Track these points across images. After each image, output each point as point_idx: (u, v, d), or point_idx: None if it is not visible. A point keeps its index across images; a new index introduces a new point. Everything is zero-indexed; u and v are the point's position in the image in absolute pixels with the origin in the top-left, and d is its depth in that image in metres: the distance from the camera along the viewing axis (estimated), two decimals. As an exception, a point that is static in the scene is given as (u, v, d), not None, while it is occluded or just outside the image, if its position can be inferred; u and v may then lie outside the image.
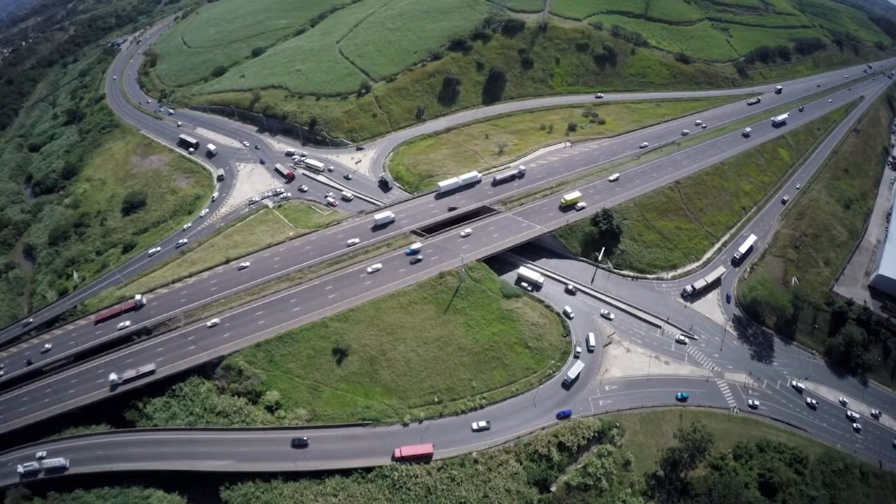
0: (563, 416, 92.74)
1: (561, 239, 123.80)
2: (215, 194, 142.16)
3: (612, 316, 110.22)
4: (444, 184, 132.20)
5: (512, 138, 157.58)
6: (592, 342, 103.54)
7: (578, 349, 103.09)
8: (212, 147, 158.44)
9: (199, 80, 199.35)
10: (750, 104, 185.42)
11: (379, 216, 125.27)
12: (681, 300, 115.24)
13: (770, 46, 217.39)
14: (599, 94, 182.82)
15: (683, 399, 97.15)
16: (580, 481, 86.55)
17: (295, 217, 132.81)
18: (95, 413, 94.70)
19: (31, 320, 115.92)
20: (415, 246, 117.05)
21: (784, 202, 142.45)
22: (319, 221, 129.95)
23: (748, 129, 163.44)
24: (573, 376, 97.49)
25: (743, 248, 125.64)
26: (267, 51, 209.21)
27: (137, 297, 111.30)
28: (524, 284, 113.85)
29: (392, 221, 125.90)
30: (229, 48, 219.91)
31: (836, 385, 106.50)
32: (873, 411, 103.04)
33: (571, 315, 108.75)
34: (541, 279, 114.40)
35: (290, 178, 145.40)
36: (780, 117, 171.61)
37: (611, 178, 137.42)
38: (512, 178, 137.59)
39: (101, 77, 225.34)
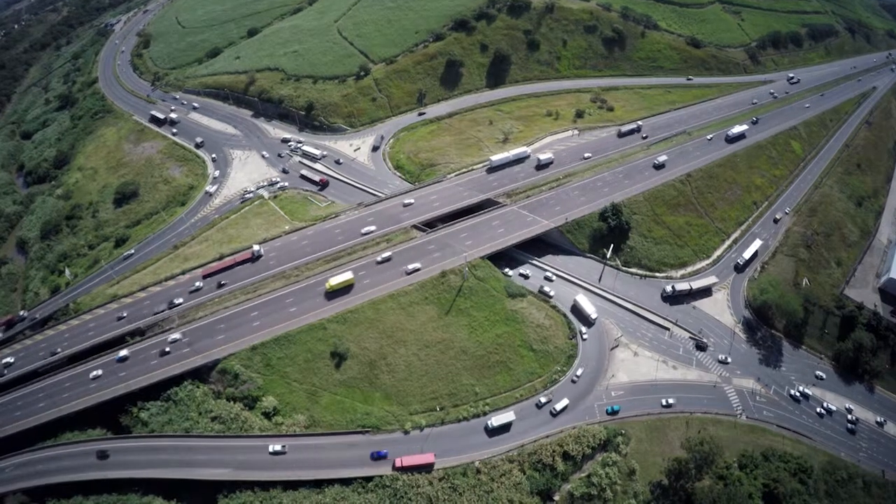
0: (378, 456, 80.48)
1: (568, 235, 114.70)
2: (210, 170, 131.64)
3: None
4: (495, 158, 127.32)
5: (517, 125, 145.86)
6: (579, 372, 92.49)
7: (544, 398, 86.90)
8: (174, 116, 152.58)
9: (193, 62, 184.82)
10: (792, 83, 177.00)
11: (543, 157, 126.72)
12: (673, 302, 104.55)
13: (782, 32, 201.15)
14: (690, 77, 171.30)
15: (614, 412, 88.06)
16: (584, 491, 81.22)
17: (292, 209, 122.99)
18: (90, 417, 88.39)
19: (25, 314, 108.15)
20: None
21: (776, 221, 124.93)
22: (317, 214, 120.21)
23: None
24: (496, 425, 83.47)
25: (747, 254, 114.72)
26: (263, 31, 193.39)
27: (256, 247, 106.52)
28: (582, 331, 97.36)
29: (552, 162, 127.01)
30: (224, 28, 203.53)
31: (843, 391, 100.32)
32: (878, 419, 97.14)
33: (585, 336, 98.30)
34: (595, 313, 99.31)
35: (323, 185, 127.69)
36: (736, 130, 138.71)
37: (619, 170, 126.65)
38: (631, 132, 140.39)
39: (94, 59, 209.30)
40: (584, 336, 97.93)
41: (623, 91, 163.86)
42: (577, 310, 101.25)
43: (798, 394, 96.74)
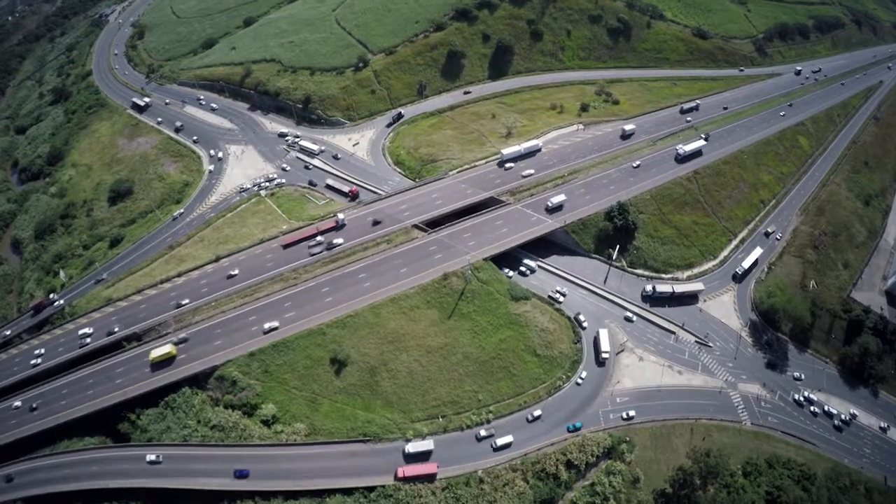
0: (240, 475, 75.54)
1: (573, 234, 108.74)
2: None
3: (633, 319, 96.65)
4: (507, 151, 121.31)
5: (520, 118, 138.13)
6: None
7: (484, 432, 79.67)
8: (147, 100, 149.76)
9: (188, 54, 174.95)
10: (814, 71, 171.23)
11: (627, 127, 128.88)
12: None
13: (789, 24, 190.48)
14: (742, 68, 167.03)
15: (576, 429, 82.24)
16: (587, 500, 78.16)
17: (289, 207, 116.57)
18: (89, 424, 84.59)
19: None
20: None
21: (767, 234, 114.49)
22: (314, 213, 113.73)
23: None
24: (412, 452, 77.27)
25: (746, 263, 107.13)
26: (259, 20, 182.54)
27: (340, 215, 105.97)
28: (582, 376, 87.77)
29: (635, 132, 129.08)
30: (220, 17, 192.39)
31: (848, 396, 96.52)
32: (882, 424, 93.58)
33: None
34: (607, 354, 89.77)
35: (354, 196, 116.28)
36: (690, 146, 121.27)
37: (634, 164, 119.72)
38: (690, 109, 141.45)
39: (88, 51, 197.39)
40: (580, 380, 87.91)
41: (628, 83, 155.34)
42: (595, 343, 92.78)
43: (803, 399, 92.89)
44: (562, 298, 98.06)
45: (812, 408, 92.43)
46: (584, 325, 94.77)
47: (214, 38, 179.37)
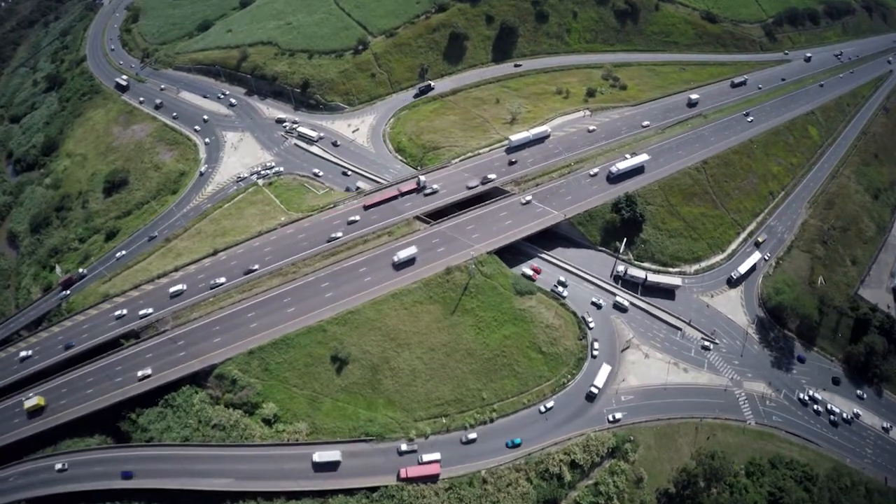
0: (125, 476, 71.75)
1: (579, 227, 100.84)
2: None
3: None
4: (514, 137, 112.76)
5: (525, 104, 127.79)
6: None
7: (405, 446, 71.60)
8: (122, 81, 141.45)
9: (183, 37, 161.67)
10: (836, 55, 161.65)
11: (693, 96, 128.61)
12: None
13: (799, 8, 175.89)
14: (787, 52, 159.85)
15: (515, 445, 75.01)
16: (591, 500, 73.72)
17: (287, 197, 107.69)
18: (89, 423, 78.95)
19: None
20: None
21: (758, 243, 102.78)
22: (313, 203, 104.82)
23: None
24: (320, 461, 69.90)
25: (743, 269, 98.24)
26: (255, 1, 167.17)
27: (422, 177, 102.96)
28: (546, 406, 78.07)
29: (697, 102, 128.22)
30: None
31: (852, 395, 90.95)
32: (885, 424, 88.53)
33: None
34: (597, 390, 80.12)
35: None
36: (626, 163, 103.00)
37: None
38: (740, 84, 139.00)
39: (82, 36, 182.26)
40: (546, 407, 78.10)
41: (636, 67, 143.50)
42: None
43: (807, 398, 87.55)
44: (592, 322, 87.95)
45: (815, 406, 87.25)
46: (596, 353, 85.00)
47: (210, 20, 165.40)
